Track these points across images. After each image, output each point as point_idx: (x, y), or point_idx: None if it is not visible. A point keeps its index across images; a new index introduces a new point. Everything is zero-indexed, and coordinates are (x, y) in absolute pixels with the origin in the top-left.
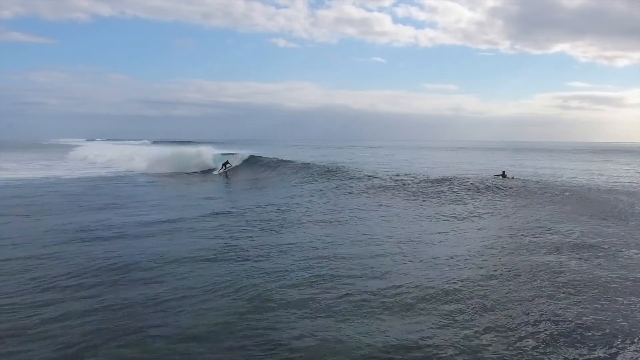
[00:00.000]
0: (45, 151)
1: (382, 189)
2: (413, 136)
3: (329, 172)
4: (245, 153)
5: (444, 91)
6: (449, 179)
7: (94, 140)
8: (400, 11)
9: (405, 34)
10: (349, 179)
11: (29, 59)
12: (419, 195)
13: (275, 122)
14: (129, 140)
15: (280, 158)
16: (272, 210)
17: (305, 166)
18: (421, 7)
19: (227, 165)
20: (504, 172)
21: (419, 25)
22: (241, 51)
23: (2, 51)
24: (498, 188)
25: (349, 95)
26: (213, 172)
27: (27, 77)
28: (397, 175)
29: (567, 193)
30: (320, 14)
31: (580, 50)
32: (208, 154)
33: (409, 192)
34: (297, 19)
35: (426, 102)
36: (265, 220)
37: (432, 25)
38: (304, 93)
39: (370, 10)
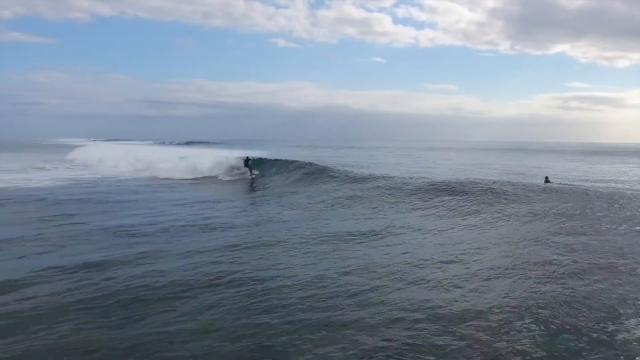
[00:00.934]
0: (53, 151)
1: (441, 194)
2: (413, 136)
3: (372, 177)
4: (269, 156)
5: (444, 91)
6: (495, 184)
7: (96, 140)
8: (401, 11)
9: (405, 34)
10: (406, 185)
11: (29, 59)
12: (483, 200)
13: (275, 122)
14: (135, 140)
15: (307, 162)
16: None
17: (330, 171)
18: (421, 7)
19: (250, 164)
20: (547, 177)
21: (419, 25)
22: (241, 51)
23: (2, 51)
24: (556, 193)
25: (349, 95)
26: (247, 176)
27: (27, 77)
28: (443, 179)
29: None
30: (320, 14)
31: (580, 50)
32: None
33: (469, 198)
34: (297, 19)
35: (426, 102)
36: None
37: (432, 25)
38: (304, 93)
39: (371, 11)
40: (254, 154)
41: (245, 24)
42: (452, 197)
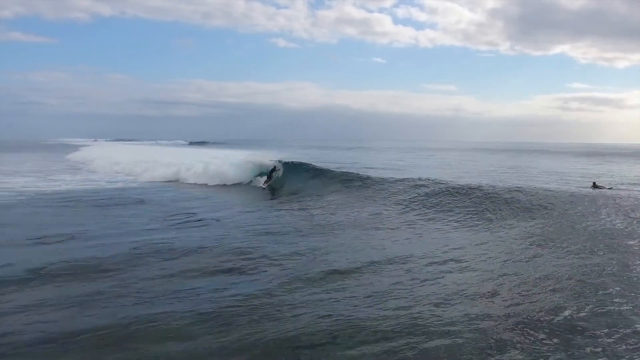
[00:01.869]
0: (64, 151)
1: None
2: (413, 136)
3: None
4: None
5: (444, 92)
6: (550, 190)
7: (96, 140)
8: (401, 12)
9: (405, 35)
10: (472, 190)
11: (29, 59)
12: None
13: (275, 122)
14: (136, 140)
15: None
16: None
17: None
18: (421, 7)
19: (274, 174)
20: (594, 182)
21: (419, 26)
22: (241, 51)
23: (2, 51)
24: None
25: (349, 95)
26: (259, 185)
27: (27, 77)
28: (499, 184)
29: None
30: (320, 14)
31: (580, 51)
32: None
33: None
34: (297, 19)
35: (426, 103)
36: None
37: (432, 26)
38: (304, 93)
39: (371, 11)
40: (260, 154)
41: (245, 24)
42: (525, 203)
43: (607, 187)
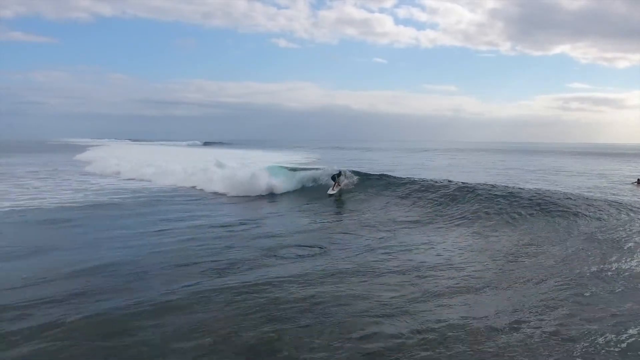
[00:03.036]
0: (76, 151)
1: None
2: (413, 136)
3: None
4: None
5: (444, 92)
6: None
7: (100, 139)
8: (402, 12)
9: (406, 35)
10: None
11: (29, 59)
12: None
13: (275, 122)
14: (141, 141)
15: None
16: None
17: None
18: (422, 8)
19: (341, 178)
20: (639, 179)
21: (420, 26)
22: (241, 51)
23: (3, 51)
24: None
25: (349, 95)
26: (328, 192)
27: (27, 77)
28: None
29: None
30: (321, 14)
31: (580, 51)
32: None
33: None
34: (298, 20)
35: (426, 103)
36: None
37: (433, 26)
38: (304, 93)
39: (372, 11)
40: (257, 154)
41: (246, 24)
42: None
43: None
